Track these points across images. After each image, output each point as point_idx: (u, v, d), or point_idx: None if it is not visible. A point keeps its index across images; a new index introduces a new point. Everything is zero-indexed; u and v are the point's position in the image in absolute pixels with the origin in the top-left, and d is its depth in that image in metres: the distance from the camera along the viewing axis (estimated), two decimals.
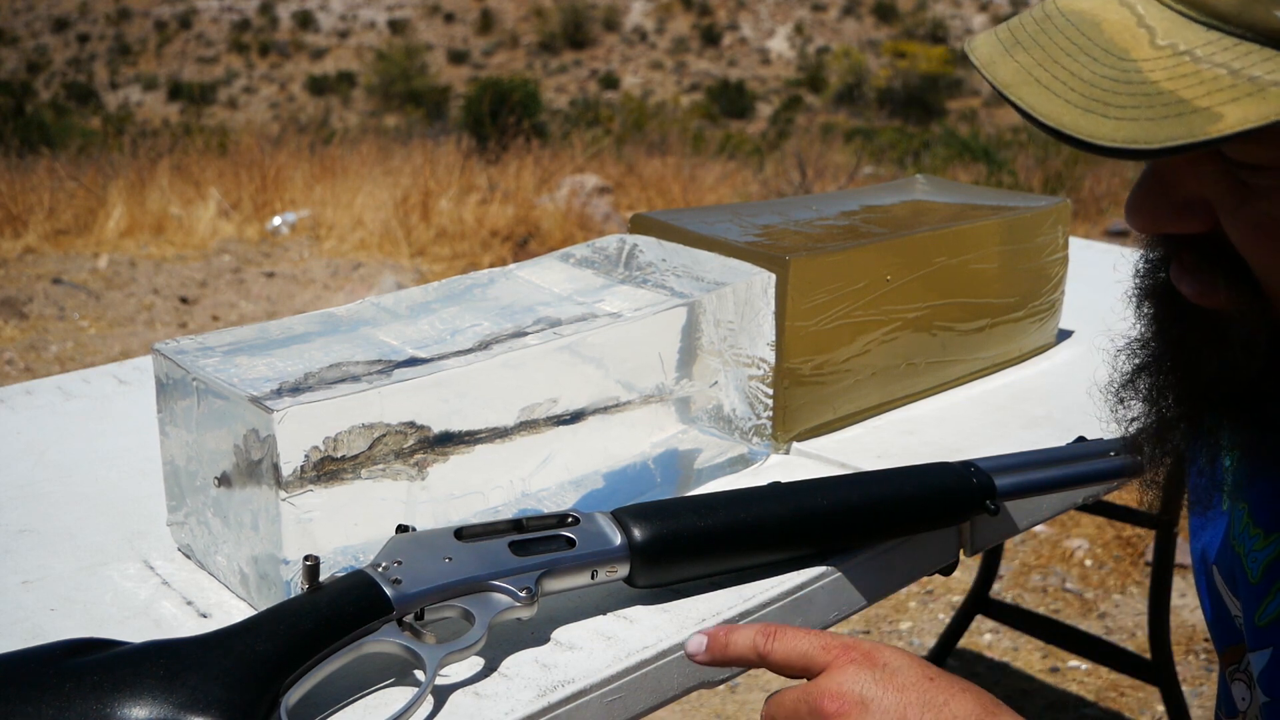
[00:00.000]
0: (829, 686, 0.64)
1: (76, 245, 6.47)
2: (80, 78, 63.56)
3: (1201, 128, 0.52)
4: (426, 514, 0.77)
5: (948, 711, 0.62)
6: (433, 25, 72.69)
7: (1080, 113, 0.55)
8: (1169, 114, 0.53)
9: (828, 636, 0.66)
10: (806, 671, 0.66)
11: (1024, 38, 0.61)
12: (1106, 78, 0.56)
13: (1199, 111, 0.52)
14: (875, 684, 0.63)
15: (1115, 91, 0.55)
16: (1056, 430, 1.04)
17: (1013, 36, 0.61)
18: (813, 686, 0.65)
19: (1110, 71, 0.56)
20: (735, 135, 17.96)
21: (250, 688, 0.59)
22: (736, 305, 0.91)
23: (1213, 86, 0.52)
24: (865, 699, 0.63)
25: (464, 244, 6.56)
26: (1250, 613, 0.74)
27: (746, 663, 0.68)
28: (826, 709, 0.63)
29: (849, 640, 0.66)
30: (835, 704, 0.63)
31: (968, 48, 0.64)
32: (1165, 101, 0.53)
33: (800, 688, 0.65)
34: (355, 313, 0.87)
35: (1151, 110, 0.53)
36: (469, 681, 0.68)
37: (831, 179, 8.36)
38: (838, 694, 0.63)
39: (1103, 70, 0.56)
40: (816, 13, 70.50)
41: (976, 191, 1.33)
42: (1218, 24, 0.54)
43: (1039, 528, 2.95)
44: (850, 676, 0.64)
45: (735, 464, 0.95)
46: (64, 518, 0.88)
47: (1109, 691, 2.35)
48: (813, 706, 0.64)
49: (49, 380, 1.17)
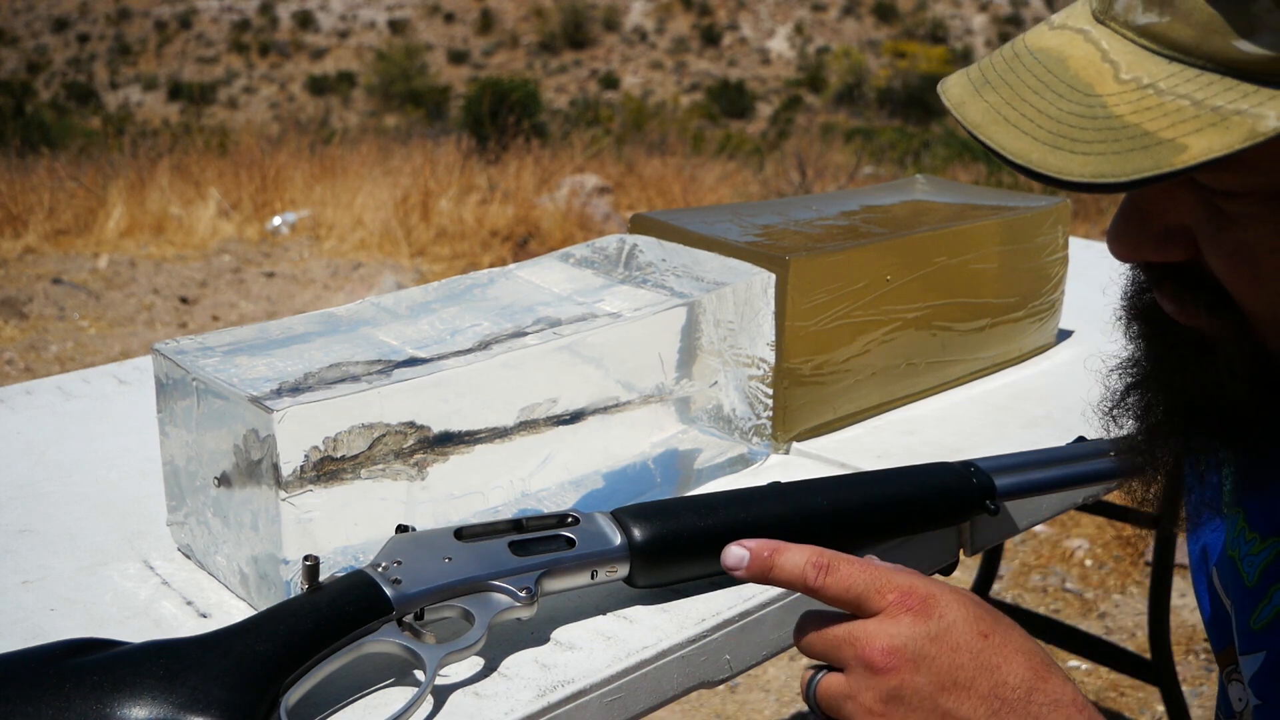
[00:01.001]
0: (880, 640, 0.61)
1: (76, 245, 6.47)
2: (80, 78, 63.56)
3: (1167, 159, 0.52)
4: (426, 514, 0.77)
5: (999, 676, 0.60)
6: (433, 25, 72.69)
7: (1048, 149, 0.56)
8: (1135, 146, 0.54)
9: (884, 575, 0.63)
10: (858, 612, 0.63)
11: (993, 77, 0.62)
12: (1073, 114, 0.56)
13: (1164, 143, 0.53)
14: (929, 641, 0.61)
15: (1082, 127, 0.56)
16: (1056, 430, 1.04)
17: (983, 76, 0.62)
18: (861, 632, 0.62)
19: (1076, 108, 0.57)
20: (735, 135, 17.96)
21: (250, 688, 0.59)
22: (736, 305, 0.91)
23: (1177, 118, 0.53)
24: (917, 657, 0.60)
25: (464, 244, 6.57)
26: (1245, 616, 0.74)
27: (790, 588, 0.65)
28: (876, 663, 0.60)
29: (906, 583, 0.63)
30: (885, 660, 0.60)
31: (941, 89, 0.64)
32: (1131, 135, 0.54)
33: (846, 627, 0.63)
34: (355, 313, 0.87)
35: (1118, 144, 0.54)
36: (469, 681, 0.68)
37: (831, 179, 8.37)
38: (889, 649, 0.60)
39: (1069, 106, 0.57)
40: (816, 13, 70.51)
41: (976, 191, 1.33)
42: (1179, 56, 0.54)
43: (1039, 528, 2.95)
44: (905, 630, 0.61)
45: (735, 464, 0.95)
46: (64, 518, 0.88)
47: (1109, 691, 2.35)
48: (860, 655, 0.61)
49: (49, 380, 1.17)
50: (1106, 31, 0.58)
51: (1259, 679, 0.72)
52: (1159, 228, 0.62)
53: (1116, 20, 0.58)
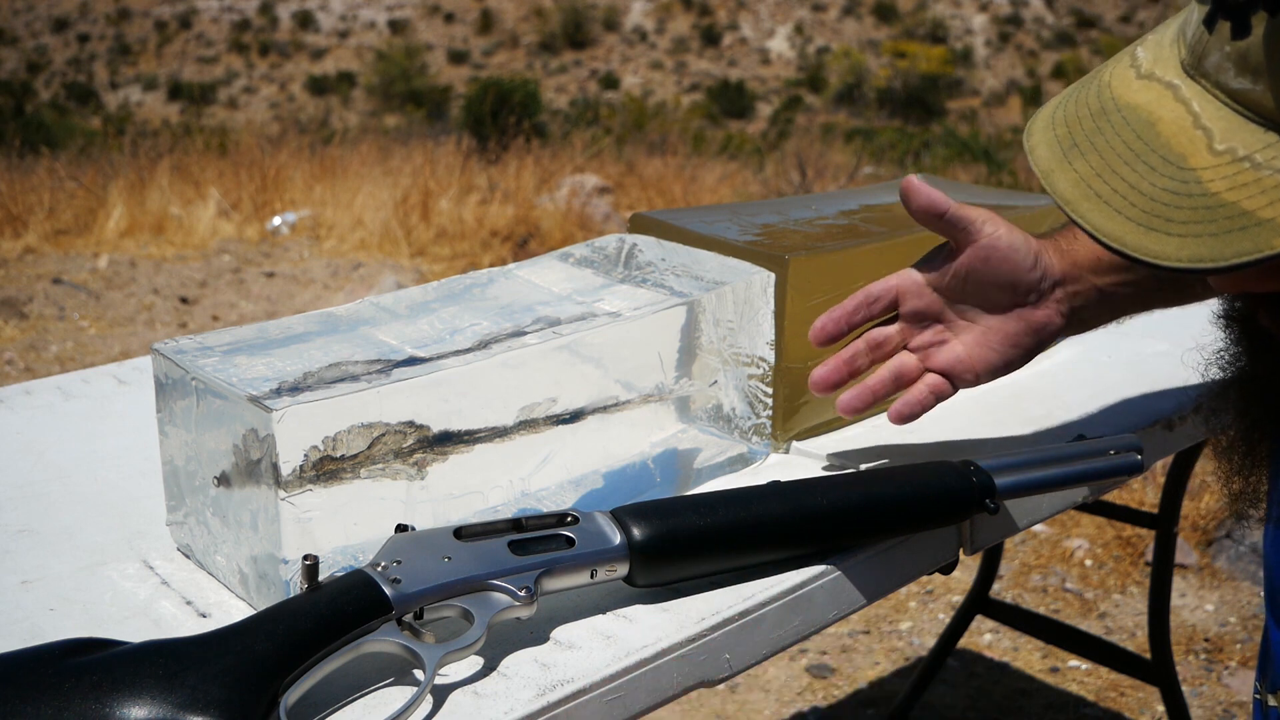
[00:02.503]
0: None
1: (76, 245, 6.47)
2: (80, 78, 63.57)
3: (1268, 241, 0.50)
4: (426, 514, 0.77)
5: None
6: (433, 25, 72.69)
7: (1144, 231, 0.54)
8: (1233, 228, 0.51)
9: None
10: None
11: (1081, 139, 0.59)
12: (1167, 190, 0.54)
13: (1264, 224, 0.51)
14: None
15: (1177, 205, 0.53)
16: (1056, 430, 1.04)
17: (1070, 136, 0.60)
18: None
19: (1170, 184, 0.54)
20: (736, 135, 17.96)
21: (249, 687, 0.59)
22: (736, 305, 0.91)
23: (1275, 195, 0.51)
24: None
25: (464, 244, 6.57)
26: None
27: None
28: None
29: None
30: None
31: (1028, 148, 0.62)
32: (1229, 214, 0.52)
33: None
34: (355, 313, 0.87)
35: (1214, 225, 0.52)
36: (468, 681, 0.68)
37: (831, 179, 8.37)
38: None
39: (1162, 182, 0.55)
40: (816, 13, 70.51)
41: (976, 191, 1.33)
42: (1275, 126, 0.52)
43: (1039, 528, 2.95)
44: None
45: (735, 463, 0.95)
46: (63, 518, 0.88)
47: (1109, 691, 2.35)
48: None
49: (49, 380, 1.16)
50: (1197, 90, 0.56)
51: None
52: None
53: (1208, 79, 0.55)
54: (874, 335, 0.88)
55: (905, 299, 0.86)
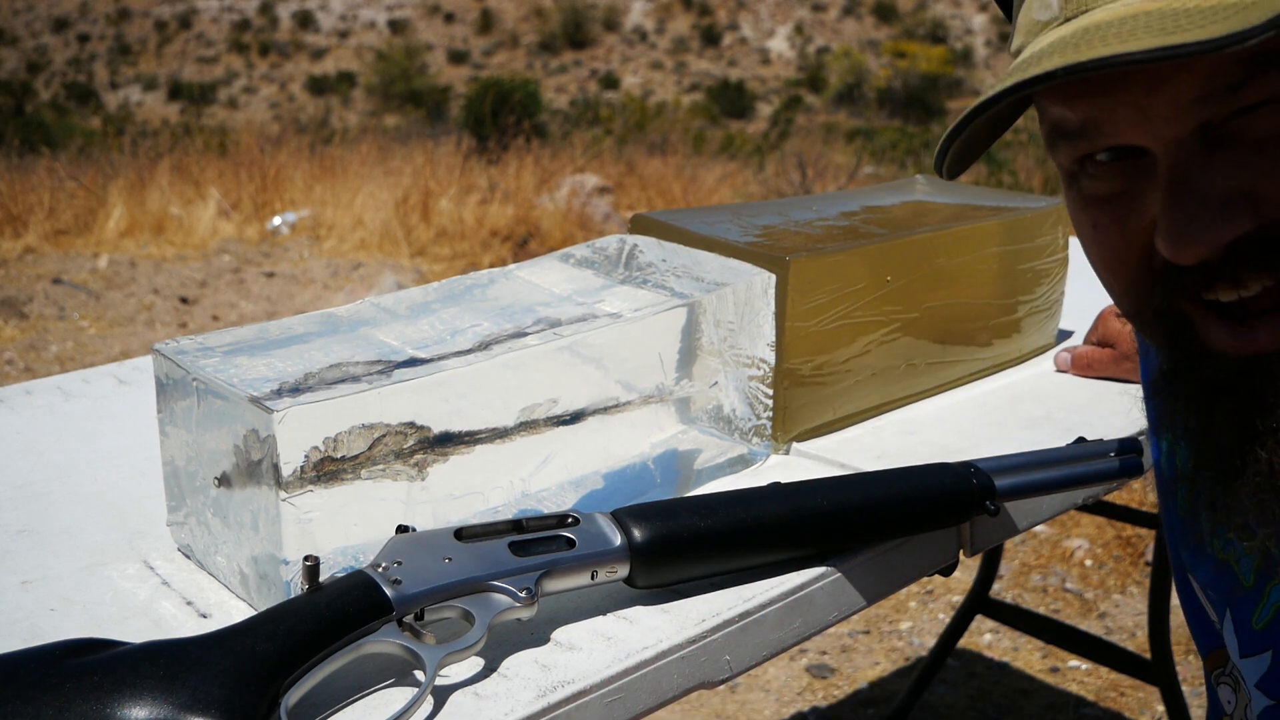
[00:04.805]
0: None
1: (76, 245, 6.47)
2: (80, 78, 63.56)
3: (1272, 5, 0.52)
4: (426, 514, 0.77)
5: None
6: (433, 25, 72.68)
7: (1166, 35, 0.55)
8: (1245, 4, 0.54)
9: None
10: None
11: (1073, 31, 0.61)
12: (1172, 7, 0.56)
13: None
14: None
15: (1185, 12, 0.55)
16: (1056, 430, 1.04)
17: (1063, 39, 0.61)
18: None
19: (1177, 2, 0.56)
20: (736, 135, 17.95)
21: (250, 688, 0.59)
22: (736, 306, 0.91)
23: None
24: None
25: (464, 244, 6.57)
26: (1246, 618, 0.74)
27: None
28: None
29: None
30: None
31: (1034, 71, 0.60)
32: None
33: None
34: (355, 313, 0.87)
35: (1229, 11, 0.54)
36: (469, 682, 0.68)
37: (831, 179, 8.37)
38: None
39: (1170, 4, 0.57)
40: (816, 13, 70.50)
41: (976, 192, 1.33)
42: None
43: (1039, 528, 2.95)
44: None
45: (735, 464, 0.95)
46: (63, 518, 0.88)
47: (1109, 691, 2.35)
48: None
49: (49, 380, 1.16)
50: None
51: (1268, 680, 0.72)
52: (1216, 200, 0.60)
53: None
54: None
55: None
